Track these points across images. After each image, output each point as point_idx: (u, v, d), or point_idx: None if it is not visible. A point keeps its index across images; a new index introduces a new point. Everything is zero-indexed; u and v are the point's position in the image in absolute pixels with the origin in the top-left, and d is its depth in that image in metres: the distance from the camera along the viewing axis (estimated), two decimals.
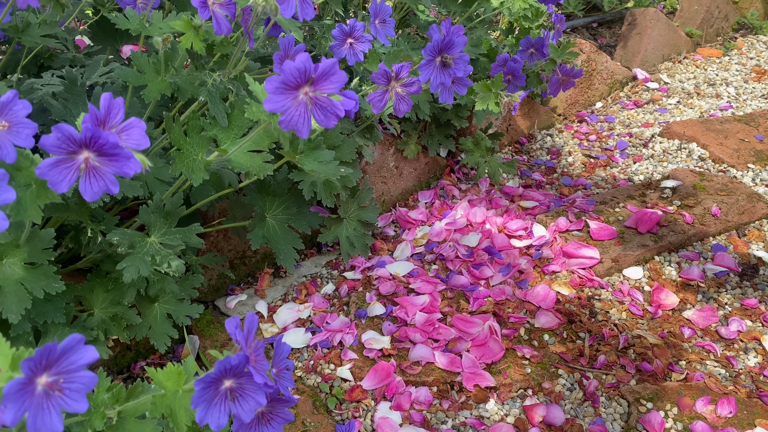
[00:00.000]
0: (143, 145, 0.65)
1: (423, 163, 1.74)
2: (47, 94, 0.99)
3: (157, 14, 0.94)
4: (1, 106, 0.63)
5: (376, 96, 1.06)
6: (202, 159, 0.84)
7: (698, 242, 1.48)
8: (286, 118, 0.66)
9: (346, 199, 1.32)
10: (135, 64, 0.89)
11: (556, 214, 1.55)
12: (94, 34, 1.30)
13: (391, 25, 1.24)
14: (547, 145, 1.95)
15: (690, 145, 1.85)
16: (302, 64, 0.64)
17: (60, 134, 0.59)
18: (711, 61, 2.43)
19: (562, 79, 1.42)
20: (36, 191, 0.69)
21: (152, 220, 0.92)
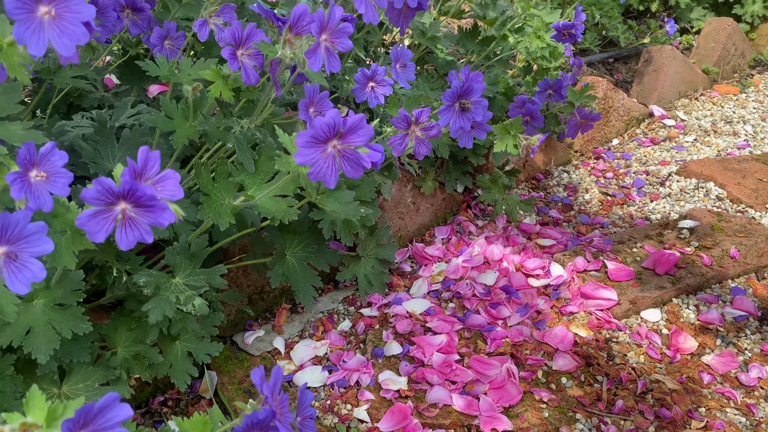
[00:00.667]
0: (177, 195, 0.67)
1: (440, 198, 1.76)
2: (77, 136, 1.02)
3: (186, 61, 0.97)
4: (40, 157, 0.66)
5: (397, 139, 1.08)
6: (228, 203, 0.86)
7: (717, 285, 1.47)
8: (314, 170, 0.68)
9: (365, 237, 1.34)
10: (164, 109, 0.91)
11: (574, 253, 1.56)
12: (122, 74, 1.33)
13: (411, 69, 1.26)
14: (564, 182, 1.96)
15: (707, 184, 1.86)
16: (332, 119, 0.66)
17: (100, 187, 0.61)
18: (728, 99, 2.44)
19: (580, 122, 1.43)
20: (71, 238, 0.71)
21: (178, 261, 0.94)
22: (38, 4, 0.59)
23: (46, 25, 0.60)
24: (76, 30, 0.61)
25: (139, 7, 1.23)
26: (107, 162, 1.00)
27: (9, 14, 0.56)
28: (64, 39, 0.60)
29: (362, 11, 0.96)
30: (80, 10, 0.61)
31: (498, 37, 1.67)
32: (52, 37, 0.60)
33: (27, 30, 0.58)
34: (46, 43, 0.60)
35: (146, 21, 1.25)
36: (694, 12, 2.90)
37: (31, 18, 0.59)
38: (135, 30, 1.24)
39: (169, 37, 1.21)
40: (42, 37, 0.59)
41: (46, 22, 0.59)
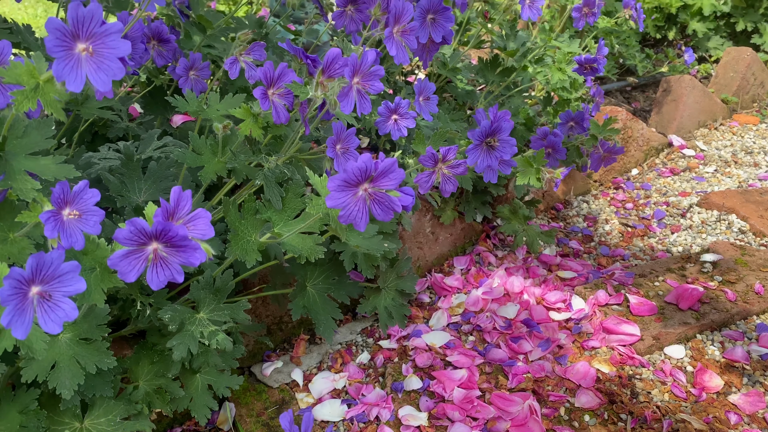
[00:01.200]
0: (208, 234, 0.67)
1: (459, 228, 1.75)
2: (104, 168, 1.03)
3: (214, 96, 0.98)
4: (74, 195, 0.66)
5: (423, 177, 1.08)
6: (255, 240, 0.86)
7: (741, 321, 1.45)
8: (345, 213, 0.68)
9: (386, 268, 1.33)
10: (192, 145, 0.92)
11: (595, 286, 1.54)
12: (146, 104, 1.34)
13: (434, 102, 1.26)
14: (584, 212, 1.95)
15: (729, 216, 1.84)
16: (364, 164, 0.66)
17: (133, 228, 0.61)
18: (747, 128, 2.43)
19: (603, 156, 1.43)
20: (100, 275, 0.71)
21: (202, 296, 0.94)
22: (76, 41, 0.59)
23: (84, 62, 0.60)
24: (112, 65, 0.61)
25: (165, 39, 1.24)
26: (133, 195, 1.01)
27: (49, 52, 0.56)
28: (101, 74, 0.61)
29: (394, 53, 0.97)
30: (117, 46, 0.61)
31: (519, 68, 1.67)
32: (89, 73, 0.61)
33: (66, 67, 0.59)
34: (84, 80, 0.60)
35: (171, 52, 1.26)
36: (711, 41, 2.90)
37: (70, 55, 0.59)
38: (161, 61, 1.25)
39: (194, 67, 1.23)
40: (80, 73, 0.60)
41: (84, 59, 0.60)
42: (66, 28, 0.56)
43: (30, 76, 0.60)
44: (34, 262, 0.55)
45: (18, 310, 0.55)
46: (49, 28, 0.55)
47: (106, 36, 0.58)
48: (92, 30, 0.58)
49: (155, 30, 1.21)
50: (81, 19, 0.56)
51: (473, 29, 1.78)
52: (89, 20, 0.57)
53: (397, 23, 0.96)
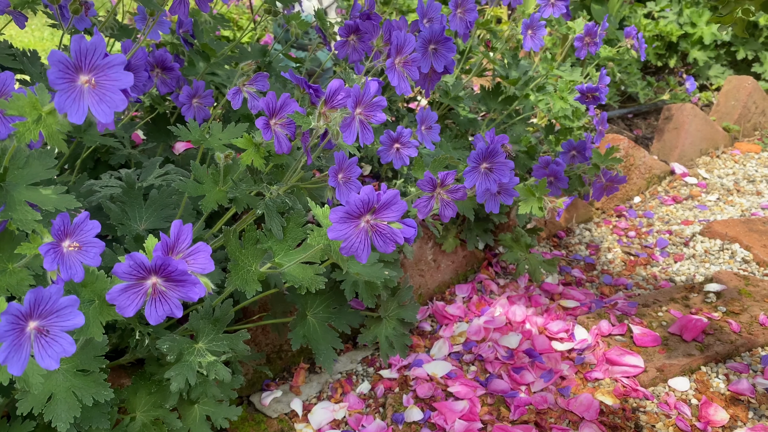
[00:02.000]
0: (208, 269, 0.66)
1: (461, 256, 1.74)
2: (105, 196, 1.02)
3: (216, 125, 0.98)
4: (74, 227, 0.65)
5: (422, 202, 1.07)
6: (255, 270, 0.85)
7: (746, 353, 1.43)
8: (347, 245, 0.67)
9: (387, 297, 1.32)
10: (194, 174, 0.92)
11: (598, 316, 1.53)
12: (149, 130, 1.35)
13: (436, 131, 1.26)
14: (586, 240, 1.94)
15: (732, 246, 1.83)
16: (366, 196, 0.65)
17: (132, 262, 0.60)
18: (749, 157, 2.43)
19: (606, 185, 1.42)
20: (99, 307, 0.71)
21: (201, 326, 0.93)
22: (79, 73, 0.59)
23: (86, 94, 0.60)
24: (114, 97, 0.61)
25: (169, 67, 1.25)
26: (134, 223, 1.00)
27: (51, 84, 0.56)
28: (103, 106, 0.61)
29: (395, 84, 0.97)
30: (119, 78, 0.61)
31: (521, 96, 1.68)
32: (92, 105, 0.60)
33: (68, 99, 0.59)
34: (86, 111, 0.60)
35: (175, 80, 1.27)
36: (712, 69, 2.92)
37: (72, 87, 0.59)
38: (164, 89, 1.26)
39: (197, 95, 1.23)
40: (82, 105, 0.60)
41: (86, 91, 0.60)
42: (68, 60, 0.56)
43: (32, 108, 0.60)
44: (32, 297, 0.55)
45: (15, 346, 0.54)
46: (52, 61, 0.55)
47: (109, 68, 0.58)
48: (95, 62, 0.58)
49: (159, 58, 1.21)
50: (84, 51, 0.56)
51: (475, 57, 1.79)
52: (92, 52, 0.57)
53: (399, 54, 0.97)
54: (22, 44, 3.64)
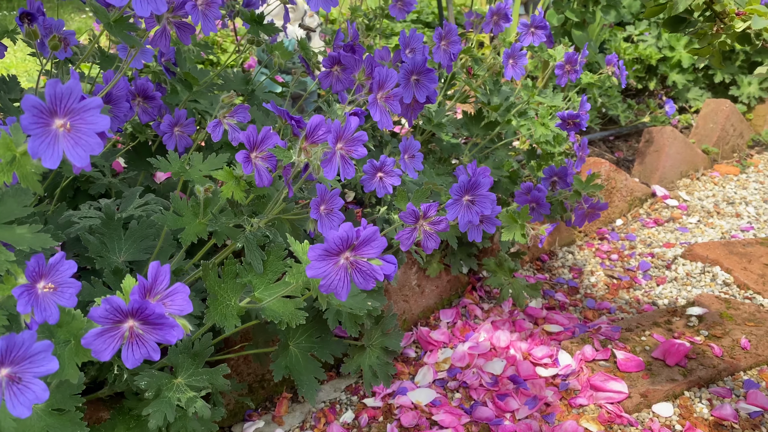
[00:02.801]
0: (186, 310, 0.65)
1: (445, 280, 1.74)
2: (84, 227, 1.01)
3: (197, 156, 0.97)
4: (49, 267, 0.64)
5: (405, 234, 1.07)
6: (235, 305, 0.84)
7: (729, 377, 1.44)
8: (326, 283, 0.67)
9: (370, 326, 1.31)
10: (174, 206, 0.91)
11: (582, 341, 1.53)
12: (130, 159, 1.34)
13: (419, 159, 1.27)
14: (569, 263, 1.95)
15: (713, 268, 1.84)
16: (345, 233, 0.65)
17: (109, 306, 0.59)
18: (729, 179, 2.46)
19: (587, 211, 1.43)
20: (75, 348, 0.69)
21: (180, 360, 0.92)
22: (54, 117, 0.59)
23: (61, 138, 0.59)
24: (90, 141, 0.61)
25: (151, 96, 1.24)
26: (113, 255, 0.99)
27: (24, 130, 0.56)
28: (79, 150, 0.60)
29: (377, 119, 0.97)
30: (96, 121, 0.60)
31: (503, 121, 1.69)
32: (67, 149, 0.60)
33: (42, 144, 0.58)
34: (60, 156, 0.60)
35: (156, 108, 1.26)
36: (691, 92, 2.97)
37: (47, 132, 0.58)
38: (145, 117, 1.25)
39: (179, 124, 1.22)
40: (56, 150, 0.59)
41: (61, 135, 0.59)
42: (43, 105, 0.55)
43: (6, 149, 0.60)
44: (4, 344, 0.53)
45: None
46: (26, 107, 0.54)
47: (85, 111, 0.58)
48: (71, 106, 0.57)
49: (141, 87, 1.21)
50: (59, 95, 0.56)
51: (458, 83, 1.81)
52: (68, 96, 0.56)
53: (381, 89, 0.97)
54: (3, 65, 3.62)
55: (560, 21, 2.17)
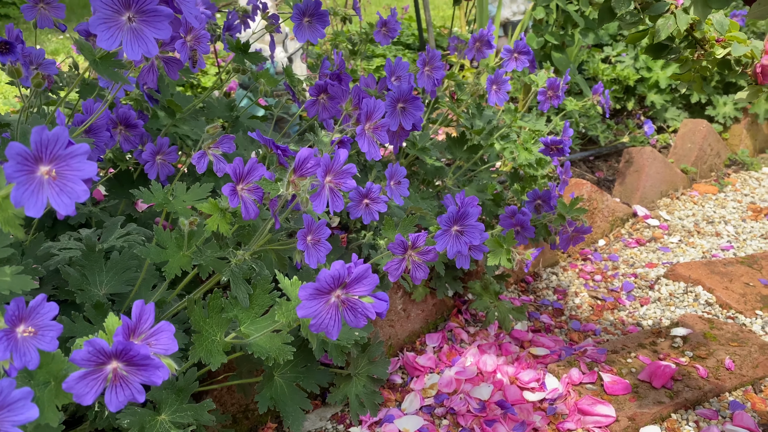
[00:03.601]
0: (171, 349, 0.63)
1: (431, 304, 1.73)
2: (64, 259, 0.99)
3: (180, 186, 0.96)
4: (29, 311, 0.62)
5: (393, 264, 1.06)
6: (220, 340, 0.82)
7: (715, 398, 1.44)
8: (317, 322, 0.66)
9: (357, 354, 1.30)
10: (157, 238, 0.89)
11: (568, 363, 1.52)
12: (111, 187, 1.32)
13: (405, 185, 1.26)
14: (553, 285, 1.95)
15: (696, 288, 1.86)
16: (337, 271, 0.64)
17: (92, 348, 0.57)
18: (707, 198, 2.49)
19: (572, 235, 1.44)
20: (55, 390, 0.67)
21: (164, 396, 0.89)
22: (39, 164, 0.57)
23: (46, 185, 0.58)
24: (76, 188, 0.59)
25: (133, 124, 1.23)
26: (94, 288, 0.97)
27: (8, 178, 0.54)
28: (64, 197, 0.59)
29: (365, 150, 0.97)
30: (82, 168, 0.59)
31: (486, 145, 1.70)
32: (51, 197, 0.58)
33: (26, 192, 0.56)
34: (44, 204, 0.58)
35: (138, 137, 1.24)
36: (669, 112, 3.01)
37: (31, 179, 0.57)
38: (127, 146, 1.23)
39: (161, 152, 1.21)
40: (41, 197, 0.57)
41: (46, 182, 0.58)
42: (28, 152, 0.54)
43: None
44: None
45: None
46: (10, 154, 0.53)
47: (71, 158, 0.56)
48: (56, 152, 0.56)
49: (122, 116, 1.19)
50: (45, 142, 0.54)
51: (441, 106, 1.81)
52: (54, 143, 0.55)
53: (369, 120, 0.97)
54: None
55: (540, 44, 2.20)
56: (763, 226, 2.26)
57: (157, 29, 0.71)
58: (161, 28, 0.71)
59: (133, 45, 0.70)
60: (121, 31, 0.71)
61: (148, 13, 0.71)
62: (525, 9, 3.05)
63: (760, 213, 2.36)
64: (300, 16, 1.22)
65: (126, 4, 0.70)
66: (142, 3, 0.70)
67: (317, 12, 1.22)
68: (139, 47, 0.70)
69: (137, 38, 0.71)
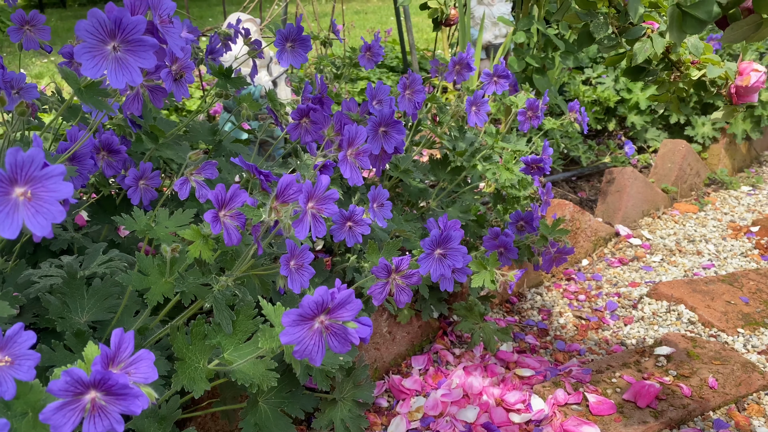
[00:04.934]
0: (151, 378, 0.63)
1: (416, 326, 1.73)
2: (45, 287, 0.98)
3: (163, 212, 0.95)
4: (6, 340, 0.62)
5: (377, 288, 1.06)
6: (204, 367, 0.82)
7: (699, 417, 1.45)
8: (300, 348, 0.66)
9: (342, 378, 1.29)
10: (139, 265, 0.89)
11: (554, 384, 1.53)
12: (93, 212, 1.31)
13: (388, 208, 1.27)
14: (538, 305, 1.96)
15: (678, 307, 1.87)
16: (320, 297, 0.64)
17: (69, 378, 0.57)
18: (688, 217, 2.53)
19: (555, 256, 1.45)
20: (32, 421, 0.66)
21: (146, 425, 0.88)
22: (14, 185, 0.57)
23: (21, 207, 0.58)
24: (52, 209, 0.59)
25: (116, 150, 1.23)
26: (75, 315, 0.96)
27: None
28: (40, 218, 0.58)
29: (348, 176, 0.98)
30: (58, 189, 0.59)
31: (468, 166, 1.71)
32: (27, 218, 0.58)
33: (0, 214, 0.56)
34: (19, 225, 0.58)
35: (121, 162, 1.24)
36: (649, 132, 3.06)
37: (5, 201, 0.57)
38: (110, 171, 1.23)
39: (144, 177, 1.21)
40: (16, 219, 0.57)
41: (21, 204, 0.58)
42: (3, 174, 0.54)
43: None
44: None
45: None
46: None
47: (47, 179, 0.56)
48: (32, 174, 0.56)
49: (105, 141, 1.19)
50: (20, 163, 0.54)
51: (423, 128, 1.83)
52: (29, 164, 0.55)
53: (351, 146, 0.98)
54: None
55: (521, 67, 2.23)
56: (743, 244, 2.29)
57: (141, 58, 0.71)
58: (146, 58, 0.71)
59: (117, 74, 0.70)
60: (106, 60, 0.71)
61: (133, 42, 0.71)
62: (506, 32, 3.09)
63: (740, 231, 2.39)
64: (283, 42, 1.23)
65: (111, 34, 0.71)
66: (127, 33, 0.71)
67: (299, 37, 1.23)
68: (124, 76, 0.71)
69: (122, 67, 0.71)
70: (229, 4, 6.61)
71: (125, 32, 0.71)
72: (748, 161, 3.13)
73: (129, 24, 0.71)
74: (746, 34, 1.22)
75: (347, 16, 6.50)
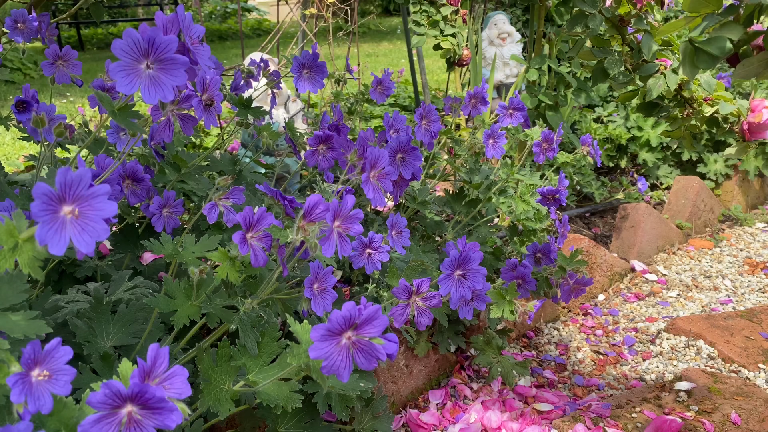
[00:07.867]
0: (185, 393, 0.64)
1: (433, 360, 1.72)
2: (72, 312, 0.99)
3: (189, 238, 0.97)
4: (45, 354, 0.63)
5: (398, 310, 1.07)
6: (229, 389, 0.82)
7: None
8: (328, 364, 0.66)
9: (361, 409, 1.28)
10: (166, 288, 0.90)
11: (573, 419, 1.51)
12: (116, 241, 1.33)
13: (406, 235, 1.28)
14: (555, 340, 1.94)
15: (697, 342, 1.85)
16: (348, 312, 0.65)
17: (108, 391, 0.58)
18: (704, 253, 2.52)
19: (573, 287, 1.45)
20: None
21: None
22: (63, 204, 0.59)
23: (68, 224, 0.59)
24: (97, 227, 0.61)
25: (140, 178, 1.25)
26: (101, 340, 0.97)
27: (34, 216, 0.56)
28: (85, 236, 0.60)
29: (371, 197, 0.99)
30: (103, 207, 0.61)
31: (484, 199, 1.73)
32: (73, 236, 0.60)
33: (50, 231, 0.58)
34: (67, 242, 0.60)
35: (145, 191, 1.27)
36: (661, 169, 3.07)
37: (55, 218, 0.59)
38: (134, 200, 1.26)
39: (168, 205, 1.23)
40: (63, 236, 0.59)
41: (69, 221, 0.59)
42: (53, 192, 0.56)
43: (9, 235, 0.59)
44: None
45: None
46: (36, 194, 0.55)
47: (93, 198, 0.58)
48: (79, 193, 0.58)
49: (130, 170, 1.22)
50: (69, 183, 0.57)
51: (439, 162, 1.85)
52: (77, 184, 0.57)
53: (374, 168, 1.00)
54: None
55: (534, 104, 2.27)
56: (761, 280, 2.28)
57: (173, 76, 0.74)
58: (177, 75, 0.74)
59: (150, 91, 0.73)
60: (140, 78, 0.74)
61: (166, 61, 0.74)
62: (517, 72, 3.15)
63: (756, 267, 2.38)
64: (300, 69, 1.28)
65: (145, 53, 0.74)
66: (160, 51, 0.74)
67: (315, 64, 1.29)
68: (156, 93, 0.73)
69: (154, 84, 0.74)
70: (246, 47, 6.78)
71: (158, 51, 0.74)
72: (761, 198, 3.13)
73: (162, 43, 0.74)
74: (757, 70, 1.25)
75: (359, 57, 6.62)
